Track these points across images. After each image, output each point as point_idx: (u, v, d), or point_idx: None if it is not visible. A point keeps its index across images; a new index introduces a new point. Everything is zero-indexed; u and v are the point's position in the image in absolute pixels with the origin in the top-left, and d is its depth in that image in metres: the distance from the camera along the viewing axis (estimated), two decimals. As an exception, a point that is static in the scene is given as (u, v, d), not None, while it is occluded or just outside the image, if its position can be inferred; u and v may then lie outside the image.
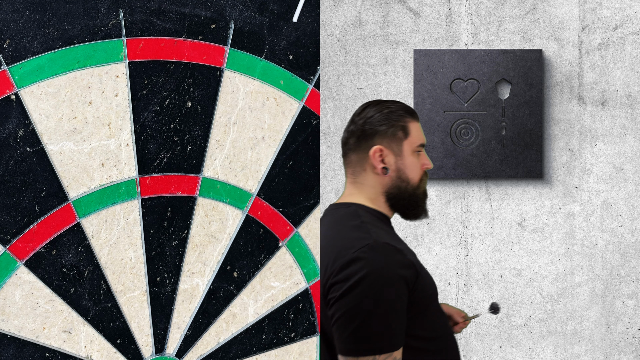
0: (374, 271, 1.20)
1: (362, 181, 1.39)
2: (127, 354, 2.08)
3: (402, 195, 1.37)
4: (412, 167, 1.38)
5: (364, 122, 1.39)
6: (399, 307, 1.21)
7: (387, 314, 1.19)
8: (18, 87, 1.91)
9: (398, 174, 1.38)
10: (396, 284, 1.20)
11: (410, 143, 1.37)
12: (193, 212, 2.17)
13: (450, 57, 2.26)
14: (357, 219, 1.32)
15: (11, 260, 1.92)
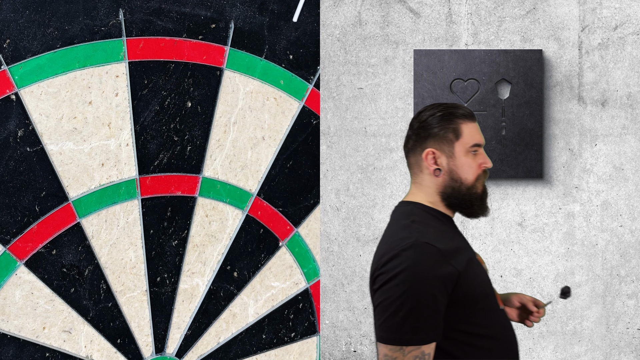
0: (409, 268, 1.29)
1: (420, 182, 1.46)
2: (127, 354, 2.08)
3: (456, 195, 1.43)
4: (465, 167, 1.43)
5: (419, 126, 1.46)
6: (431, 304, 1.28)
7: (416, 309, 1.26)
8: (18, 87, 1.91)
9: (451, 175, 1.43)
10: (430, 282, 1.28)
11: (463, 144, 1.43)
12: (193, 212, 2.17)
13: (450, 57, 2.26)
14: (410, 218, 1.40)
15: (11, 260, 1.92)
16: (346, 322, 2.36)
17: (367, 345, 2.36)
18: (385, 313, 1.29)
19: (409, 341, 1.27)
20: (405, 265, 1.29)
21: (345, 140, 2.34)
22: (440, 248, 1.32)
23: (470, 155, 1.43)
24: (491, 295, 1.41)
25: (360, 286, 2.35)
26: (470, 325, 1.35)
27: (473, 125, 1.44)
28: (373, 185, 2.34)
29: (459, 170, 1.42)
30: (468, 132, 1.43)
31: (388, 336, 1.28)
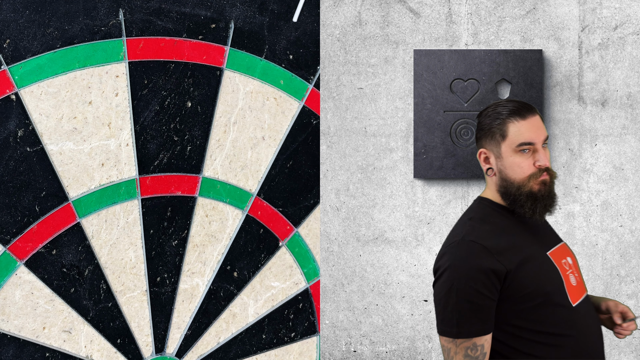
0: (452, 265, 1.37)
1: (486, 179, 1.52)
2: (127, 354, 2.08)
3: (508, 195, 1.46)
4: (513, 167, 1.44)
5: (477, 125, 1.52)
6: (475, 299, 1.35)
7: (461, 304, 1.35)
8: (18, 87, 1.91)
9: (500, 175, 1.47)
10: (472, 278, 1.35)
11: (509, 144, 1.46)
12: (193, 212, 2.17)
13: (450, 57, 2.26)
14: (470, 214, 1.48)
15: (11, 260, 1.92)
16: (346, 322, 2.36)
17: (367, 345, 2.36)
18: (438, 307, 1.39)
19: (458, 334, 1.35)
20: (450, 263, 1.37)
21: (345, 140, 2.34)
22: (486, 245, 1.37)
23: (520, 154, 1.44)
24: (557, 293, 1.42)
25: (360, 286, 2.35)
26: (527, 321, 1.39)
27: (523, 123, 1.45)
28: (373, 185, 2.34)
29: (507, 171, 1.45)
30: (515, 131, 1.44)
31: (442, 329, 1.38)
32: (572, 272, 1.47)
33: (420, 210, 2.34)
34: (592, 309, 1.50)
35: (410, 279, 2.34)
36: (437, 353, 2.34)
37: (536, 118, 1.47)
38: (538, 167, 1.44)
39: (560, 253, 1.49)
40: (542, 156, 1.44)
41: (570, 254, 1.52)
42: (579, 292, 1.47)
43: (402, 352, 2.35)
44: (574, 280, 1.46)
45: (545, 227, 1.53)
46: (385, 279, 2.35)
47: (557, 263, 1.45)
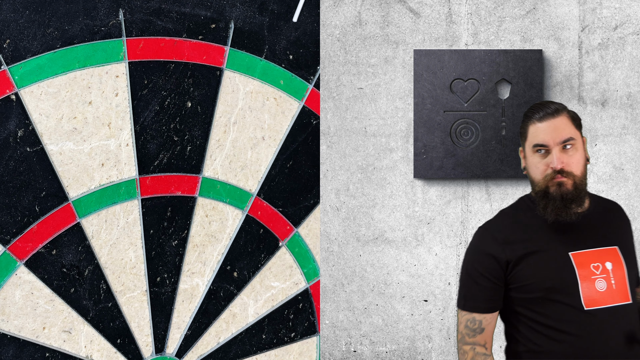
0: (468, 249, 1.56)
1: None
2: (127, 354, 2.08)
3: (532, 191, 1.55)
4: (532, 167, 1.53)
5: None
6: (477, 279, 1.52)
7: (467, 282, 1.54)
8: (18, 87, 1.91)
9: (527, 173, 1.56)
10: (477, 261, 1.52)
11: (529, 144, 1.53)
12: (193, 212, 2.17)
13: (450, 57, 2.26)
14: (507, 207, 1.61)
15: (11, 260, 1.92)
16: (346, 322, 2.36)
17: (367, 345, 2.36)
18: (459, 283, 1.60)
19: (463, 306, 1.55)
20: (468, 247, 1.57)
21: (345, 140, 2.34)
22: (495, 235, 1.52)
23: (537, 154, 1.50)
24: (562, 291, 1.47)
25: (360, 286, 2.35)
26: (529, 310, 1.50)
27: (539, 125, 1.50)
28: (373, 185, 2.34)
29: (529, 169, 1.54)
30: (533, 132, 1.51)
31: (457, 301, 1.58)
32: (603, 278, 1.48)
33: (420, 210, 2.34)
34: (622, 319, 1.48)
35: (410, 279, 2.34)
36: (437, 353, 2.34)
37: (557, 120, 1.50)
38: (552, 169, 1.48)
39: (592, 256, 1.50)
40: (554, 158, 1.48)
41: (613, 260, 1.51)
42: (608, 299, 1.47)
43: (402, 352, 2.35)
44: (602, 285, 1.47)
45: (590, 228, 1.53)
46: (385, 279, 2.35)
47: (579, 264, 1.48)
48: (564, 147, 1.49)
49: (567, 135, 1.49)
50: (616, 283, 1.48)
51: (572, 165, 1.49)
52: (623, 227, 1.59)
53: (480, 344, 1.53)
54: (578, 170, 1.50)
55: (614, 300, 1.48)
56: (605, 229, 1.55)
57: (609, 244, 1.52)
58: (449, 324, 2.34)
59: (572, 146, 1.49)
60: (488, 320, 1.53)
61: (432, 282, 2.33)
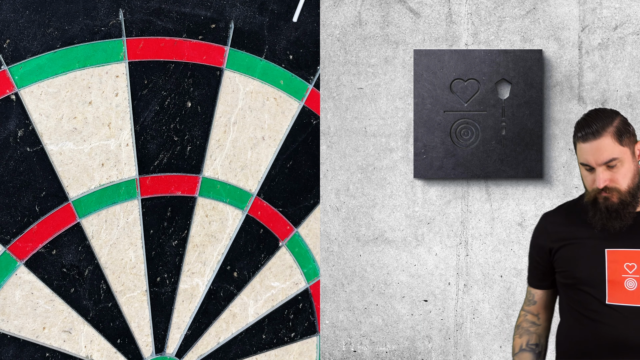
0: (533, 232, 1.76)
1: None
2: (127, 354, 2.08)
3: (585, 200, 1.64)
4: (583, 178, 1.63)
5: None
6: (532, 259, 1.72)
7: (528, 260, 1.75)
8: (18, 87, 1.91)
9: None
10: (532, 244, 1.73)
11: (578, 159, 1.62)
12: (193, 212, 2.17)
13: (450, 57, 2.26)
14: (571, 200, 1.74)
15: (11, 260, 1.92)
16: (346, 322, 2.36)
17: (367, 345, 2.36)
18: None
19: (527, 280, 1.76)
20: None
21: (345, 140, 2.34)
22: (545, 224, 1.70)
23: (585, 169, 1.60)
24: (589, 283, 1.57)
25: (360, 286, 2.35)
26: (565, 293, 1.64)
27: (583, 146, 1.59)
28: (373, 185, 2.34)
29: (582, 178, 1.63)
30: (579, 150, 1.60)
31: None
32: (635, 278, 1.55)
33: (420, 210, 2.34)
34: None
35: (410, 279, 2.34)
36: (437, 353, 2.34)
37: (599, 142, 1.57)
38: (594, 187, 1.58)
39: (629, 255, 1.57)
40: (598, 178, 1.57)
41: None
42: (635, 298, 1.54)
43: (402, 352, 2.35)
44: (632, 285, 1.54)
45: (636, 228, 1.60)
46: (385, 279, 2.35)
47: (611, 261, 1.56)
48: (608, 166, 1.56)
49: (609, 157, 1.55)
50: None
51: (616, 181, 1.57)
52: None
53: (533, 313, 1.73)
54: (624, 183, 1.57)
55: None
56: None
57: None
58: (449, 324, 2.34)
59: (617, 165, 1.56)
60: (539, 295, 1.72)
61: (432, 282, 2.33)
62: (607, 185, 1.56)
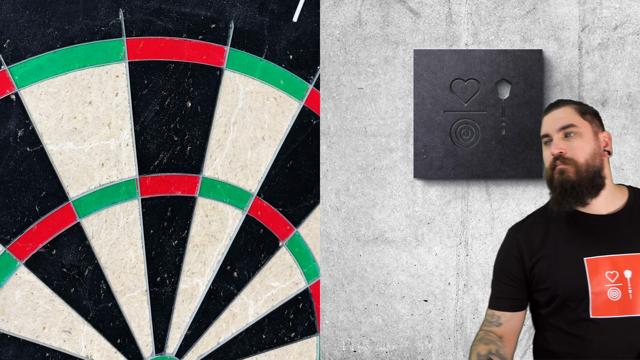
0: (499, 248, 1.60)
1: None
2: (127, 354, 2.08)
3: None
4: (544, 155, 1.54)
5: None
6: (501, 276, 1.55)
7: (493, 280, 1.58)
8: (18, 87, 1.91)
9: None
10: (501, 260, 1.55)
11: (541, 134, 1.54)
12: (193, 212, 2.17)
13: (450, 57, 2.26)
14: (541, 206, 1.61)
15: (11, 260, 1.92)
16: (346, 322, 2.36)
17: (367, 345, 2.36)
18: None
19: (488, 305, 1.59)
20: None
21: (345, 140, 2.34)
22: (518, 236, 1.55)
23: (545, 147, 1.52)
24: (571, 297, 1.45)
25: (360, 286, 2.35)
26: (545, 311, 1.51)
27: (545, 118, 1.53)
28: (373, 185, 2.34)
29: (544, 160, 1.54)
30: (542, 126, 1.53)
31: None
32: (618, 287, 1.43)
33: (420, 210, 2.34)
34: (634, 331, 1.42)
35: (410, 279, 2.34)
36: (437, 353, 2.34)
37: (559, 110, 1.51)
38: (553, 156, 1.48)
39: (609, 263, 1.44)
40: (553, 145, 1.48)
41: (635, 268, 1.44)
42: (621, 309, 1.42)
43: (402, 352, 2.35)
44: (616, 295, 1.42)
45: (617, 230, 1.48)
46: (385, 279, 2.35)
47: (592, 271, 1.44)
48: (566, 135, 1.48)
49: (566, 122, 1.48)
50: (634, 293, 1.42)
51: (573, 151, 1.47)
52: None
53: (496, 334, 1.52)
54: (581, 156, 1.47)
55: (628, 311, 1.42)
56: (637, 232, 1.48)
57: (636, 250, 1.45)
58: (449, 324, 2.34)
59: (575, 134, 1.48)
60: (507, 318, 1.53)
61: (432, 282, 2.33)
62: (562, 153, 1.47)
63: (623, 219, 1.48)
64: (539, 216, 1.56)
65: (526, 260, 1.51)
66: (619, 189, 1.54)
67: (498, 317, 1.54)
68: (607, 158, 1.51)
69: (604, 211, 1.49)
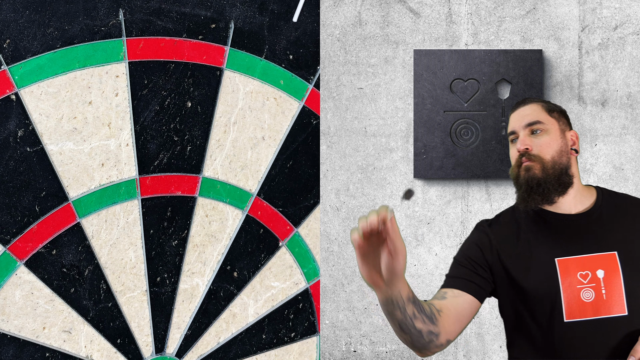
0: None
1: None
2: (127, 354, 2.08)
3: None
4: (510, 153, 1.51)
5: None
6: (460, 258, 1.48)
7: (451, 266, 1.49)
8: (18, 87, 1.91)
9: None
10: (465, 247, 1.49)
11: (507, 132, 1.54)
12: (193, 212, 2.17)
13: (450, 57, 2.26)
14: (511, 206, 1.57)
15: (11, 260, 1.92)
16: (346, 322, 2.36)
17: (367, 345, 2.36)
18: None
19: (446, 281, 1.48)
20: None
21: (345, 140, 2.34)
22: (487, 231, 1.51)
23: (512, 144, 1.50)
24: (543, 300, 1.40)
25: (360, 286, 2.35)
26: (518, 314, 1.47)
27: (513, 114, 1.51)
28: (373, 185, 2.34)
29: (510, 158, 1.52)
30: (509, 122, 1.51)
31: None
32: (591, 287, 1.39)
33: (420, 210, 2.34)
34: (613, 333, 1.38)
35: (410, 279, 2.34)
36: (437, 353, 2.34)
37: (526, 107, 1.50)
38: (519, 153, 1.46)
39: (581, 263, 1.41)
40: (519, 141, 1.46)
41: (608, 267, 1.40)
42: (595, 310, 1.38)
43: (402, 352, 2.35)
44: (589, 295, 1.38)
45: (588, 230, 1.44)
46: (385, 279, 2.35)
47: (563, 272, 1.40)
48: (533, 132, 1.47)
49: (533, 119, 1.47)
50: (608, 293, 1.38)
51: (539, 147, 1.45)
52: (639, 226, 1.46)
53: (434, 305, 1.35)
54: (548, 153, 1.45)
55: (602, 312, 1.38)
56: (607, 231, 1.45)
57: (607, 249, 1.42)
58: (449, 324, 2.34)
59: (541, 131, 1.47)
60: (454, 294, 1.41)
61: (432, 282, 2.33)
62: (528, 150, 1.44)
63: (593, 218, 1.46)
64: (509, 215, 1.52)
65: (494, 253, 1.45)
66: (587, 189, 1.52)
67: (444, 292, 1.42)
68: (574, 157, 1.49)
69: (574, 210, 1.47)
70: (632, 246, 1.43)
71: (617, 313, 1.38)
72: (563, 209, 1.47)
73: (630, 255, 1.42)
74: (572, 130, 1.52)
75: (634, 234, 1.44)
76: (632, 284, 1.39)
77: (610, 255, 1.41)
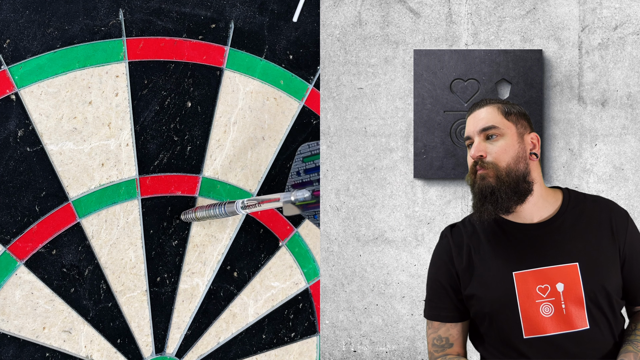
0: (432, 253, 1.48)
1: None
2: (127, 354, 2.08)
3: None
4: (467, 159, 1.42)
5: None
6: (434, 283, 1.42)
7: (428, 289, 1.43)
8: (18, 87, 1.91)
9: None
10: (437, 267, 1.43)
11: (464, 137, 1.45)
12: (193, 212, 2.16)
13: (450, 57, 2.26)
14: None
15: (11, 260, 1.92)
16: (346, 322, 2.36)
17: (367, 345, 2.36)
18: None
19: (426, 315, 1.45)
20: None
21: (345, 140, 2.34)
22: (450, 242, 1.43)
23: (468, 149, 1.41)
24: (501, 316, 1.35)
25: (360, 286, 2.35)
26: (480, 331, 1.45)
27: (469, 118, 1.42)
28: (373, 185, 2.34)
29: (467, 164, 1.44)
30: (466, 126, 1.42)
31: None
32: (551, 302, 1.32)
33: (420, 210, 2.34)
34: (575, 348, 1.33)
35: (410, 279, 2.34)
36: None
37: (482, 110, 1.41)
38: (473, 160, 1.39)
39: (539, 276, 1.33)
40: (473, 147, 1.38)
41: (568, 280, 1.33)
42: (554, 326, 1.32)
43: (402, 352, 2.35)
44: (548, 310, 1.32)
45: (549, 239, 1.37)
46: (385, 279, 2.35)
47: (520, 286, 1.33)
48: (488, 138, 1.38)
49: (487, 123, 1.37)
50: (568, 307, 1.31)
51: (494, 154, 1.36)
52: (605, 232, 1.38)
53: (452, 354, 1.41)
54: (503, 160, 1.35)
55: (562, 327, 1.31)
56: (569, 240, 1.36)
57: (568, 260, 1.33)
58: (449, 324, 2.34)
59: (497, 136, 1.37)
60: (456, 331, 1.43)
61: (432, 282, 2.34)
62: (482, 157, 1.35)
63: (554, 227, 1.36)
64: (468, 224, 1.44)
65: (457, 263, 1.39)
66: (552, 193, 1.42)
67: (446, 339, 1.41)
68: (535, 162, 1.40)
69: (535, 219, 1.37)
70: (596, 254, 1.34)
71: (579, 327, 1.31)
72: (523, 218, 1.38)
73: (593, 265, 1.33)
74: (533, 132, 1.43)
75: (599, 242, 1.36)
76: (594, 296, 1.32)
77: (571, 267, 1.33)
